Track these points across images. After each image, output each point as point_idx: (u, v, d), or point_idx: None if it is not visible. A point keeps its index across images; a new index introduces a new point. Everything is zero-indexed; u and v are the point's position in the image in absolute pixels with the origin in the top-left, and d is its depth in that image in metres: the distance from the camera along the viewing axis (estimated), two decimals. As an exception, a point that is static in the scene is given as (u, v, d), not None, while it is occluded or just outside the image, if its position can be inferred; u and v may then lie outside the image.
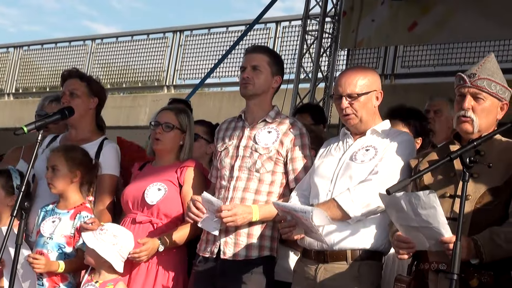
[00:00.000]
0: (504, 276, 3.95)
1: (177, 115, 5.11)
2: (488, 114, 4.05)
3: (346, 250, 4.35)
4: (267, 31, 14.48)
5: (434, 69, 11.97)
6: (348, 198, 4.30)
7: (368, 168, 4.39)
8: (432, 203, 3.67)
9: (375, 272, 4.40)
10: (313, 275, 4.40)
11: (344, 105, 4.47)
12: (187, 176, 5.02)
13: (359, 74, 4.52)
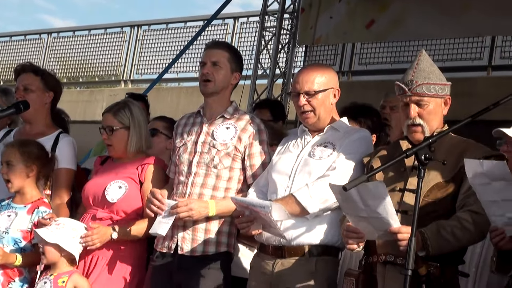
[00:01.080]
0: (450, 268, 4.03)
1: (116, 115, 5.05)
2: (434, 115, 4.14)
3: (304, 246, 4.38)
4: (225, 27, 14.49)
5: (391, 66, 12.08)
6: (306, 193, 4.33)
7: (326, 164, 4.42)
8: (381, 193, 3.73)
9: (331, 268, 4.44)
10: (270, 270, 4.43)
11: (301, 102, 4.49)
12: (147, 173, 5.01)
13: (317, 71, 4.55)
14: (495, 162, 3.82)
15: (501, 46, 11.47)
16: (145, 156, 5.10)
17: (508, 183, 3.75)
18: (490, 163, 3.79)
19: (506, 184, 3.74)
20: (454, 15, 9.37)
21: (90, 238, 4.80)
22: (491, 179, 3.75)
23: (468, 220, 3.93)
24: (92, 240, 4.81)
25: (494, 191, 3.76)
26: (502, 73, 11.49)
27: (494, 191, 3.76)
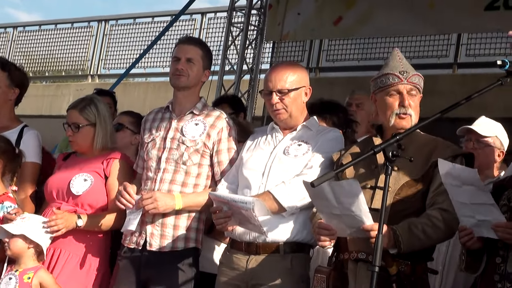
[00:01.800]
0: (420, 266, 4.06)
1: (82, 112, 5.03)
2: (418, 108, 4.19)
3: (279, 242, 4.39)
4: (192, 22, 14.46)
5: (358, 63, 12.14)
6: (284, 191, 4.35)
7: (301, 162, 4.45)
8: (354, 191, 3.75)
9: (304, 264, 4.47)
10: (244, 266, 4.43)
11: (274, 100, 4.51)
12: (113, 168, 4.99)
13: (289, 70, 4.57)
14: (466, 168, 3.87)
15: (467, 43, 11.57)
16: (110, 150, 5.08)
17: (477, 188, 3.79)
18: (461, 168, 3.84)
19: (476, 190, 3.78)
20: (420, 12, 9.43)
21: (54, 222, 4.76)
22: (462, 182, 3.79)
23: (438, 217, 3.98)
24: (56, 224, 4.76)
25: (464, 194, 3.80)
26: (467, 70, 11.59)
27: (464, 194, 3.80)
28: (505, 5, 8.78)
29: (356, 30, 10.16)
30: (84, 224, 4.81)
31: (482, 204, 3.80)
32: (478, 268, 4.02)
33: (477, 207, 3.81)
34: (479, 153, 4.78)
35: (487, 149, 4.97)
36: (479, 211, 3.82)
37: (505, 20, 8.72)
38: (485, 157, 4.88)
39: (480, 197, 3.79)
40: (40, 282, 4.77)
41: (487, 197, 3.82)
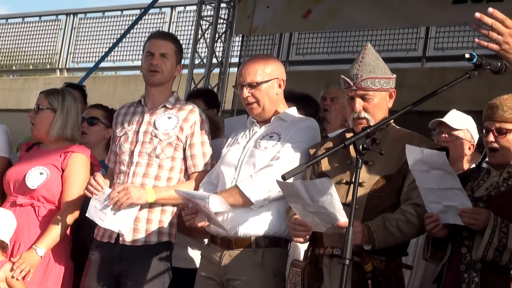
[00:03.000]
0: (395, 261, 4.09)
1: (48, 96, 5.04)
2: (379, 108, 4.19)
3: (251, 237, 4.39)
4: (162, 15, 14.42)
5: (328, 57, 12.18)
6: (250, 184, 4.35)
7: (271, 154, 4.44)
8: (328, 190, 3.76)
9: (279, 259, 4.45)
10: (218, 261, 4.44)
11: (245, 94, 4.51)
12: (70, 161, 4.95)
13: (260, 63, 4.56)
14: (435, 152, 3.90)
15: (435, 37, 11.65)
16: (70, 143, 5.05)
17: (445, 173, 3.83)
18: (430, 152, 3.87)
19: (443, 174, 3.83)
20: (390, 5, 9.47)
21: (18, 270, 4.70)
22: (430, 167, 3.83)
23: (412, 213, 4.01)
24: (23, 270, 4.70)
25: (432, 179, 3.84)
26: (435, 64, 11.67)
27: (432, 179, 3.84)
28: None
29: (325, 23, 10.18)
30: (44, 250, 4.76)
31: (450, 188, 3.85)
32: (442, 258, 4.06)
33: (444, 192, 3.86)
34: (450, 146, 4.82)
35: (458, 142, 5.02)
36: (446, 196, 3.86)
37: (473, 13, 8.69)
38: (455, 150, 4.93)
39: (447, 182, 3.84)
40: (6, 277, 4.73)
41: (454, 181, 3.87)
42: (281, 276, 4.42)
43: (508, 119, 4.02)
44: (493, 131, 4.04)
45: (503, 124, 4.03)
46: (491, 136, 4.04)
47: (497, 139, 4.04)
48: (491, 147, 4.06)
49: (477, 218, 3.86)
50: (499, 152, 4.04)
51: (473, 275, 3.93)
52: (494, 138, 4.04)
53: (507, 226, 3.80)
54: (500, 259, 3.81)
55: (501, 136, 4.03)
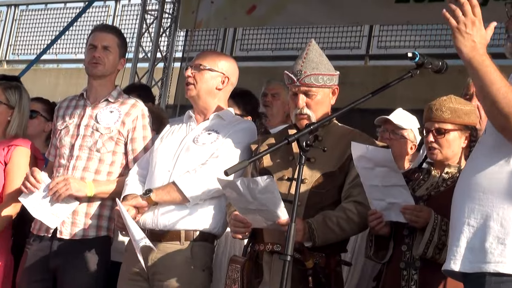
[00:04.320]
0: (334, 258, 4.11)
1: (5, 91, 4.97)
2: (322, 105, 4.21)
3: (180, 231, 4.37)
4: (106, 8, 14.30)
5: (272, 53, 12.21)
6: (187, 181, 4.33)
7: (208, 151, 4.43)
8: (270, 188, 3.77)
9: (207, 254, 4.44)
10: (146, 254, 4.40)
11: (187, 73, 4.53)
12: (13, 155, 4.88)
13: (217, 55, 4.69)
14: (380, 149, 3.94)
15: (378, 35, 11.76)
16: (14, 137, 4.97)
17: (390, 170, 3.88)
18: (375, 148, 3.91)
19: (388, 171, 3.87)
20: (334, 3, 9.54)
21: None
22: (374, 164, 3.86)
23: (352, 211, 4.03)
24: None
25: (376, 176, 3.88)
26: (378, 62, 11.78)
27: (376, 176, 3.88)
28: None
29: (269, 19, 10.21)
30: None
31: (393, 185, 3.90)
32: (385, 256, 4.10)
33: (388, 189, 3.90)
34: (393, 144, 4.88)
35: (401, 141, 5.06)
36: (390, 193, 3.91)
37: (415, 12, 8.89)
38: (398, 149, 4.97)
39: (392, 179, 3.89)
40: None
41: (398, 178, 3.93)
42: (208, 271, 4.42)
43: (447, 119, 4.07)
44: (433, 131, 4.09)
45: (442, 125, 4.08)
46: (431, 136, 4.10)
47: (437, 139, 4.09)
48: (431, 147, 4.11)
49: (419, 215, 3.91)
50: (439, 152, 4.10)
51: (412, 272, 3.97)
52: (434, 139, 4.09)
53: (447, 224, 3.85)
54: (439, 257, 3.85)
55: (440, 136, 4.08)
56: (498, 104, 2.98)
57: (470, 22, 3.03)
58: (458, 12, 3.03)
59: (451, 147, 4.09)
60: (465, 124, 4.10)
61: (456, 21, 3.03)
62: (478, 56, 3.03)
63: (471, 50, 3.03)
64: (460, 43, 3.04)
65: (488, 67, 3.02)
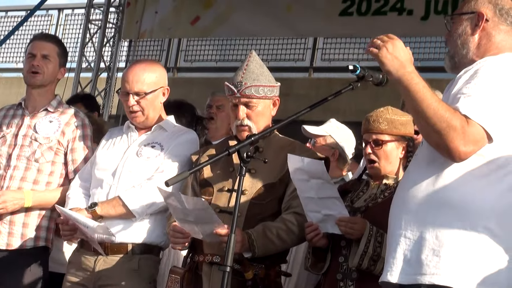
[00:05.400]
0: (274, 269, 4.11)
1: None
2: (263, 116, 4.20)
3: (127, 244, 4.36)
4: (49, 18, 14.18)
5: (216, 64, 12.22)
6: (133, 196, 4.32)
7: (153, 164, 4.42)
8: (201, 206, 3.80)
9: (153, 266, 4.44)
10: (92, 266, 4.38)
11: (131, 103, 4.45)
12: None
13: (147, 70, 4.49)
14: (314, 161, 3.95)
15: (322, 48, 11.84)
16: None
17: (324, 182, 3.90)
18: (310, 161, 3.92)
19: (323, 183, 3.89)
20: (278, 15, 9.57)
21: None
22: (309, 176, 3.88)
23: (292, 221, 4.04)
24: None
25: (311, 188, 3.90)
26: (322, 74, 11.86)
27: (311, 188, 3.90)
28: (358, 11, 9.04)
29: (213, 30, 10.21)
30: None
31: (328, 197, 3.93)
32: (323, 267, 4.12)
33: (323, 201, 3.93)
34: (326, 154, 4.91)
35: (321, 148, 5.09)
36: (325, 205, 3.93)
37: (358, 25, 8.98)
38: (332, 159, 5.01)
39: (326, 191, 3.92)
40: None
41: (332, 190, 3.96)
42: (154, 284, 4.42)
43: (384, 130, 4.11)
44: (371, 143, 4.13)
45: (379, 136, 4.11)
46: (369, 148, 4.13)
47: (375, 151, 4.12)
48: (369, 159, 4.14)
49: (353, 227, 3.94)
50: (377, 163, 4.13)
51: (349, 283, 4.00)
52: (372, 150, 4.12)
53: (382, 236, 3.88)
54: (374, 268, 3.89)
55: (378, 147, 4.11)
56: (430, 120, 3.00)
57: (390, 44, 3.08)
58: (377, 41, 3.09)
59: (389, 158, 4.12)
60: (402, 135, 4.14)
61: (376, 47, 3.09)
62: (407, 74, 3.06)
63: (398, 69, 3.07)
64: (387, 66, 3.09)
65: (417, 84, 3.05)
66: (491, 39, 3.28)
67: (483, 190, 3.08)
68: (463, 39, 3.30)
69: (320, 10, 9.26)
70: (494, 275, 3.06)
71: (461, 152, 3.00)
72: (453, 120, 2.98)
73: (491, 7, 3.30)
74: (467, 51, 3.29)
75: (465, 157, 3.02)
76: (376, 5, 8.96)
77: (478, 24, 3.28)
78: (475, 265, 3.05)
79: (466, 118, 2.99)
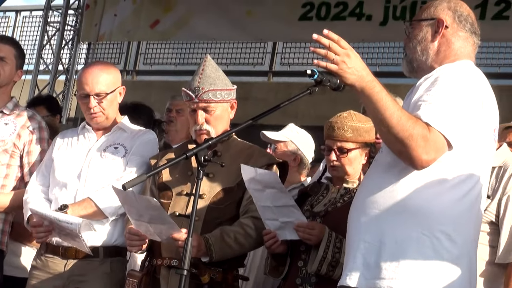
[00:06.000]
0: (231, 273, 4.11)
1: None
2: (221, 120, 4.20)
3: (99, 247, 4.33)
4: (6, 19, 14.05)
5: (176, 68, 12.20)
6: (104, 197, 4.29)
7: (119, 165, 4.40)
8: (155, 207, 3.78)
9: (123, 269, 4.43)
10: (61, 270, 4.34)
11: (92, 104, 4.43)
12: None
13: (104, 71, 4.48)
14: (267, 172, 3.97)
15: (282, 52, 11.86)
16: None
17: (278, 191, 3.90)
18: (263, 171, 3.93)
19: (277, 192, 3.90)
20: (238, 19, 9.60)
21: None
22: (264, 186, 3.89)
23: (250, 226, 4.05)
24: None
25: (267, 197, 3.91)
26: (281, 79, 11.89)
27: (267, 197, 3.91)
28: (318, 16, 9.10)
29: (172, 33, 10.22)
30: None
31: (284, 206, 3.94)
32: (282, 272, 4.12)
33: (279, 209, 3.94)
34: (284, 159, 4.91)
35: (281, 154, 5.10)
36: (282, 213, 3.94)
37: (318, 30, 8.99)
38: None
39: (281, 199, 3.92)
40: None
41: (287, 198, 3.96)
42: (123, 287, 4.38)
43: (349, 138, 4.11)
44: (335, 150, 4.13)
45: (344, 144, 4.12)
46: (333, 155, 4.13)
47: (339, 158, 4.12)
48: (332, 165, 4.15)
49: (312, 232, 3.95)
50: (340, 170, 4.14)
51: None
52: (336, 157, 4.13)
53: (341, 242, 3.90)
54: (333, 273, 3.90)
55: (343, 155, 4.12)
56: (393, 129, 3.00)
57: (346, 57, 3.04)
58: (331, 55, 3.05)
59: (352, 165, 4.13)
60: (366, 142, 4.15)
61: (334, 63, 3.06)
62: (369, 84, 3.04)
63: (360, 81, 3.04)
64: (349, 80, 3.05)
65: (379, 93, 3.04)
66: (451, 46, 3.31)
67: (441, 196, 3.11)
68: (423, 46, 3.32)
69: (280, 15, 9.29)
70: (450, 280, 3.09)
71: (423, 161, 3.02)
72: (416, 128, 2.99)
73: (450, 14, 3.33)
74: (426, 57, 3.31)
75: (426, 165, 3.05)
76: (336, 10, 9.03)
77: (438, 30, 3.30)
78: (432, 270, 3.08)
79: (427, 125, 3.02)
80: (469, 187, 3.16)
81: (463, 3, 3.39)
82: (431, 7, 3.36)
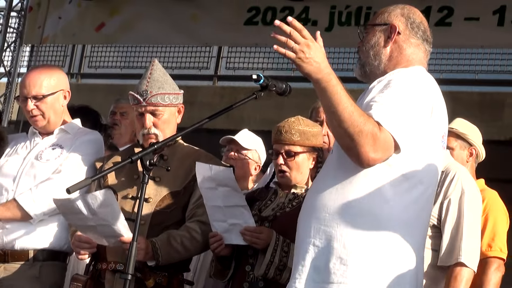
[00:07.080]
0: (177, 277, 4.12)
1: None
2: (169, 124, 4.21)
3: (28, 250, 4.29)
4: None
5: (121, 71, 12.14)
6: (29, 197, 4.25)
7: (52, 167, 4.36)
8: (109, 201, 3.74)
9: (58, 273, 4.38)
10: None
11: (29, 107, 4.39)
12: None
13: (45, 74, 4.46)
14: (222, 168, 3.97)
15: (227, 56, 11.87)
16: None
17: (231, 189, 3.90)
18: (218, 168, 3.93)
19: (230, 190, 3.90)
20: (183, 23, 9.57)
21: None
22: (217, 184, 3.89)
23: (196, 230, 4.05)
24: None
25: (219, 196, 3.91)
26: (226, 83, 11.90)
27: (219, 196, 3.91)
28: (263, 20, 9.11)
29: (117, 37, 10.14)
30: None
31: (235, 206, 3.96)
32: (227, 275, 4.12)
33: (230, 209, 3.95)
34: (237, 164, 4.92)
35: (245, 161, 5.11)
36: (231, 213, 3.95)
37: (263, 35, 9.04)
38: (242, 169, 5.02)
39: (233, 199, 3.94)
40: None
41: (239, 198, 3.98)
42: None
43: (296, 142, 4.13)
44: (282, 154, 4.14)
45: (292, 147, 4.14)
46: (281, 159, 4.14)
47: (286, 162, 4.14)
48: (280, 169, 4.16)
49: (259, 237, 3.97)
50: (288, 174, 4.15)
51: (256, 292, 4.02)
52: (284, 161, 4.14)
53: (289, 246, 3.92)
54: (280, 278, 3.92)
55: (290, 158, 4.14)
56: (343, 123, 3.00)
57: (305, 47, 3.02)
58: (291, 43, 3.03)
59: (300, 169, 4.15)
60: (313, 146, 4.17)
61: (293, 51, 3.05)
62: (326, 76, 3.04)
63: (317, 72, 3.03)
64: (305, 69, 3.04)
65: (335, 86, 3.03)
66: (402, 52, 3.34)
67: (391, 200, 3.13)
68: (376, 51, 3.35)
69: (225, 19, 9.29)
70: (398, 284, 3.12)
71: (370, 158, 3.04)
72: (367, 125, 3.00)
73: (403, 20, 3.36)
74: (379, 62, 3.33)
75: (373, 163, 3.06)
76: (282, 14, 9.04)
77: (391, 36, 3.33)
78: (381, 274, 3.11)
79: (378, 124, 3.03)
80: (420, 192, 3.19)
81: (417, 10, 3.42)
82: (385, 13, 3.39)
